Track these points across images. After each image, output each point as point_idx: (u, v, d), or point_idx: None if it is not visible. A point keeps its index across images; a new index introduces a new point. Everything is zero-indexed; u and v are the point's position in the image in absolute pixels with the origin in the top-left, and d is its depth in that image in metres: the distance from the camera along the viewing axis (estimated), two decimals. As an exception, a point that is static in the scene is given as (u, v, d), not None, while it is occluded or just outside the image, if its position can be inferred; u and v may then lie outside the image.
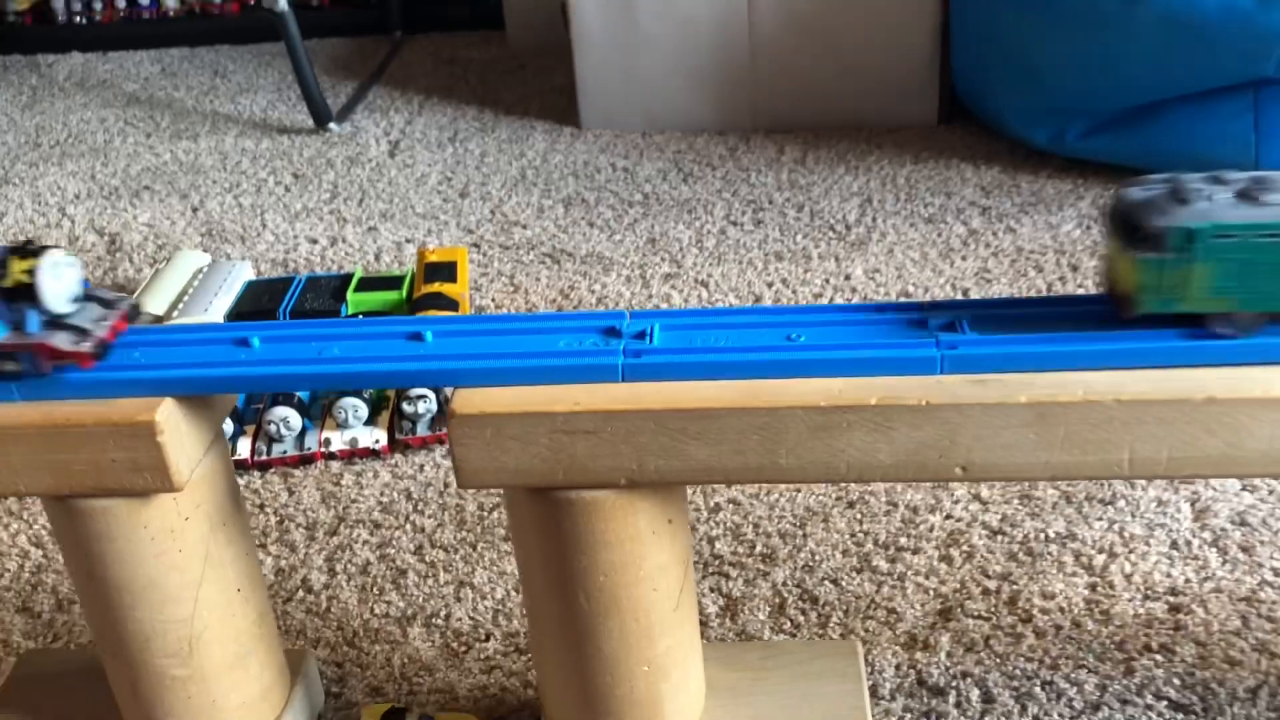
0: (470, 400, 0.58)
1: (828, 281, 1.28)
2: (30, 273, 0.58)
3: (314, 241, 1.46)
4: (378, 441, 1.04)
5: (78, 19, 2.24)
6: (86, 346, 0.59)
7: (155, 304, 1.20)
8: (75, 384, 0.60)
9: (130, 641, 0.66)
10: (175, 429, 0.60)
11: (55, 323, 0.60)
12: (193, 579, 0.65)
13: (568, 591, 0.62)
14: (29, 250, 0.59)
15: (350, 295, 1.20)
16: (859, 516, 0.93)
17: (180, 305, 1.18)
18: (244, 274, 1.25)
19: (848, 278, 1.28)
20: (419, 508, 0.98)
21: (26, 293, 0.59)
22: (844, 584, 0.87)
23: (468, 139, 1.74)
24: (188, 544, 0.64)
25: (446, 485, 1.00)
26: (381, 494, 1.00)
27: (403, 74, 2.04)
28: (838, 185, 1.51)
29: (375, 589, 0.90)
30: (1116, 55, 1.36)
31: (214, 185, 1.64)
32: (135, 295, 1.22)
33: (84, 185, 1.67)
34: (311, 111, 1.78)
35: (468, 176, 1.62)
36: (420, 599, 0.88)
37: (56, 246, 0.60)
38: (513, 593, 0.88)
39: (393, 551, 0.93)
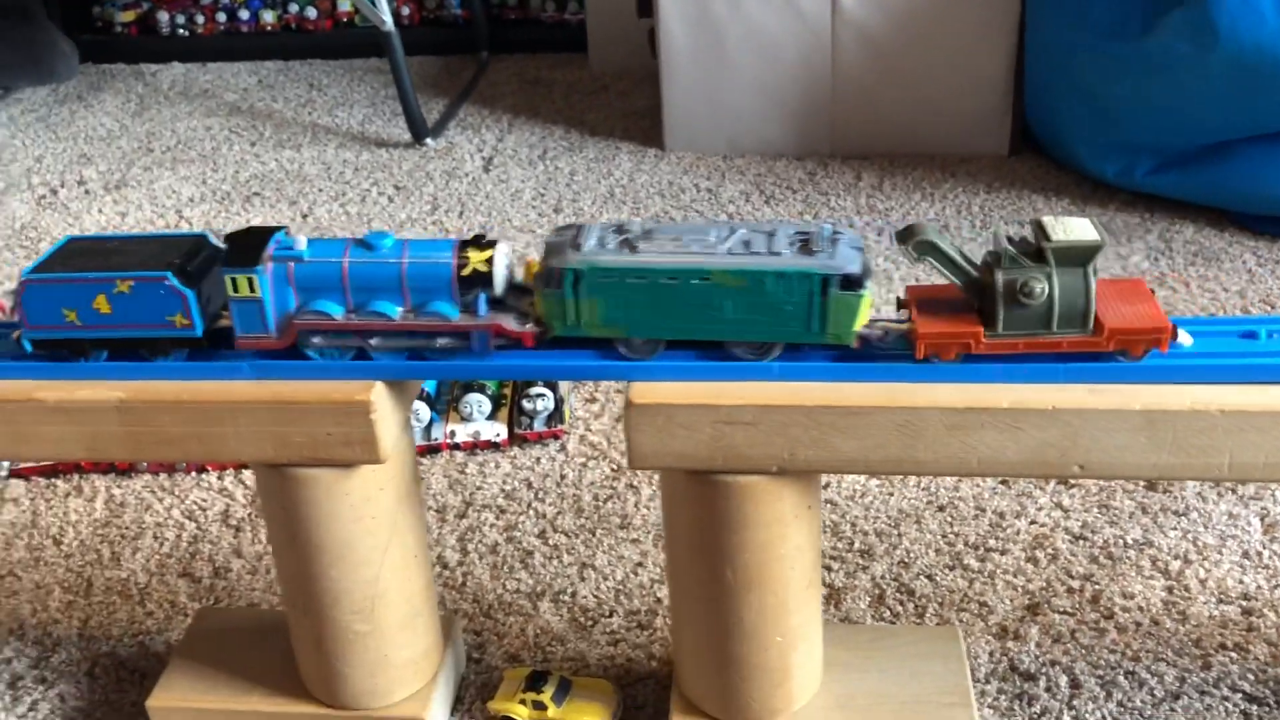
0: (646, 391, 0.66)
1: (909, 302, 1.36)
2: (488, 262, 0.66)
3: (419, 249, 1.55)
4: (498, 435, 1.13)
5: (180, 31, 2.36)
6: (529, 327, 0.67)
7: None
8: (295, 366, 0.69)
9: (322, 597, 0.75)
10: (383, 408, 0.69)
11: (499, 305, 0.67)
12: (381, 543, 0.74)
13: (715, 566, 0.71)
14: (485, 243, 0.67)
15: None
16: (949, 519, 1.01)
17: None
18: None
19: (928, 299, 1.36)
20: (540, 496, 1.06)
21: (482, 279, 0.66)
22: (938, 579, 0.94)
23: (557, 157, 1.83)
24: (380, 512, 0.73)
25: (563, 476, 1.09)
26: (504, 482, 1.08)
27: (490, 92, 2.13)
28: (915, 211, 1.59)
29: (505, 567, 0.98)
30: (1187, 96, 1.44)
31: (320, 193, 1.73)
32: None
33: (197, 189, 1.77)
34: (410, 127, 1.88)
35: (559, 193, 1.71)
36: (547, 577, 0.97)
37: (505, 239, 0.66)
38: (631, 575, 0.96)
39: (518, 534, 1.02)
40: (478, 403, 1.13)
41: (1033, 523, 1.00)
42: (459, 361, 0.68)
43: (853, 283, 0.63)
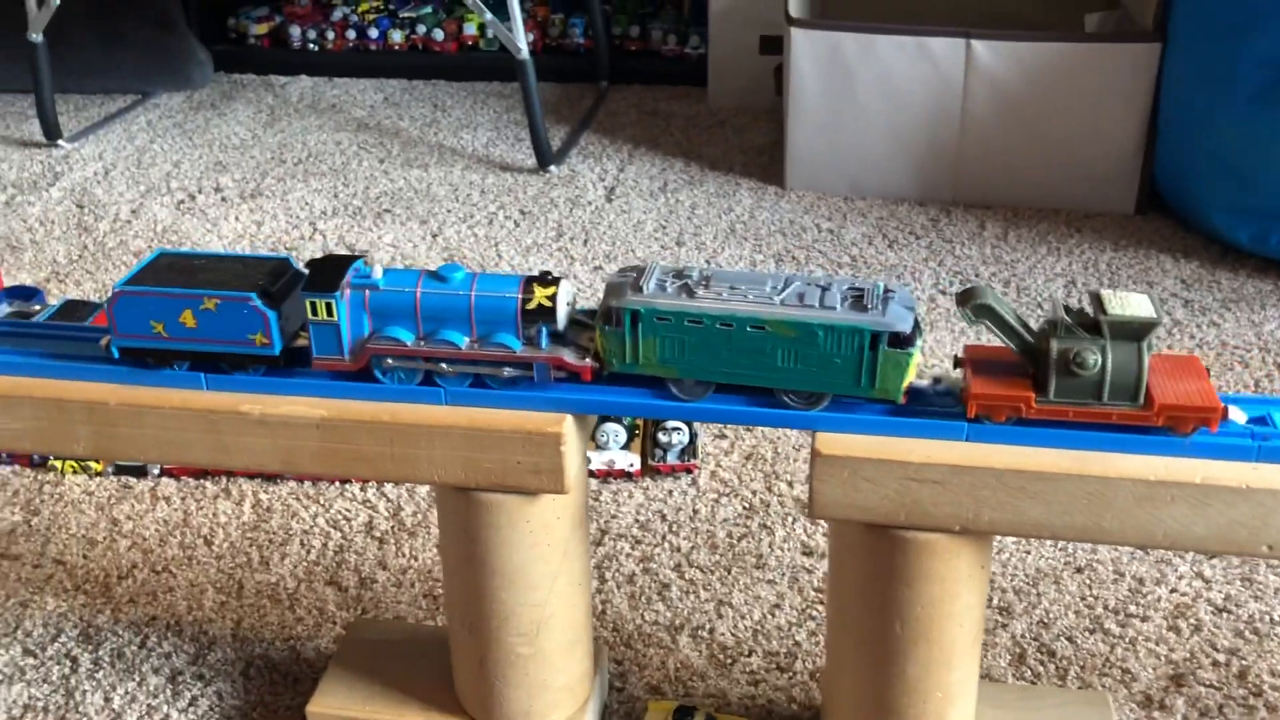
0: (834, 443, 0.68)
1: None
2: (552, 298, 0.70)
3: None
4: (632, 465, 1.15)
5: (310, 45, 2.43)
6: (588, 362, 0.70)
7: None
8: (488, 394, 0.72)
9: (490, 619, 0.77)
10: (571, 441, 0.71)
11: (559, 339, 0.71)
12: (552, 570, 0.76)
13: (884, 618, 0.71)
14: (550, 280, 0.70)
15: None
16: (1088, 581, 1.00)
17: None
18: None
19: (1058, 355, 1.35)
20: (674, 529, 1.08)
21: (545, 314, 0.69)
22: (1079, 642, 0.94)
23: (677, 190, 1.86)
24: (555, 539, 0.75)
25: (696, 511, 1.10)
26: (637, 513, 1.10)
27: (610, 122, 2.17)
28: (1041, 265, 1.59)
29: (643, 598, 1.00)
30: (1332, 166, 1.42)
31: (449, 214, 1.78)
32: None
33: (329, 203, 1.82)
34: (537, 153, 1.92)
35: (680, 226, 1.73)
36: (685, 611, 0.98)
37: (564, 277, 0.71)
38: (769, 616, 0.98)
39: (654, 566, 1.03)
40: (614, 432, 1.15)
41: (1173, 591, 0.99)
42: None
43: (902, 341, 0.65)
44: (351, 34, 2.43)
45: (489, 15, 1.84)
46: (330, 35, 2.44)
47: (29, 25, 1.99)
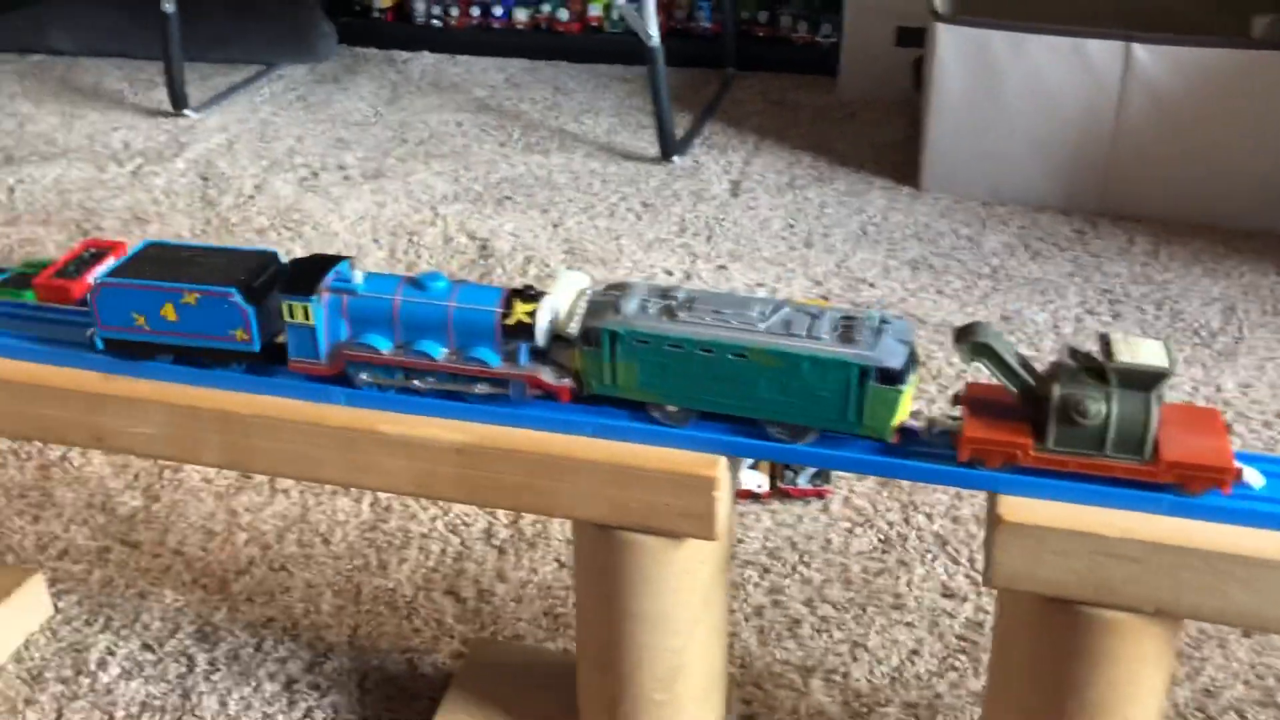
0: (1019, 509, 0.62)
1: (1196, 390, 1.27)
2: (532, 314, 0.66)
3: (669, 273, 1.53)
4: (760, 486, 1.09)
5: (434, 21, 2.41)
6: (566, 382, 0.67)
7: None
8: (638, 429, 0.67)
9: (623, 662, 0.73)
10: (724, 484, 0.66)
11: (539, 357, 0.68)
12: (693, 615, 0.71)
13: (1056, 695, 0.65)
14: (531, 295, 0.67)
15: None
16: (1257, 648, 0.92)
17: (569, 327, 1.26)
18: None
19: (1219, 389, 1.26)
20: (804, 560, 1.03)
21: (524, 330, 0.67)
22: (1248, 716, 0.86)
23: (805, 187, 1.79)
24: (698, 585, 0.70)
25: (828, 541, 1.05)
26: (766, 538, 1.05)
27: (735, 111, 2.10)
28: (1196, 287, 1.49)
29: (773, 633, 0.95)
30: None
31: (570, 204, 1.74)
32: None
33: (450, 186, 1.80)
34: (661, 142, 1.87)
35: (809, 226, 1.67)
36: (817, 652, 0.93)
37: (545, 293, 0.68)
38: (907, 663, 0.92)
39: (784, 599, 0.98)
40: (744, 451, 1.10)
41: (1355, 666, 0.91)
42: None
43: (892, 377, 0.61)
44: (475, 11, 2.41)
45: (620, -1, 1.79)
46: (454, 11, 2.41)
47: (162, -5, 2.00)
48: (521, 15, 2.38)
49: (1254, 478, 0.61)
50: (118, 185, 1.80)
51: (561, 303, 0.68)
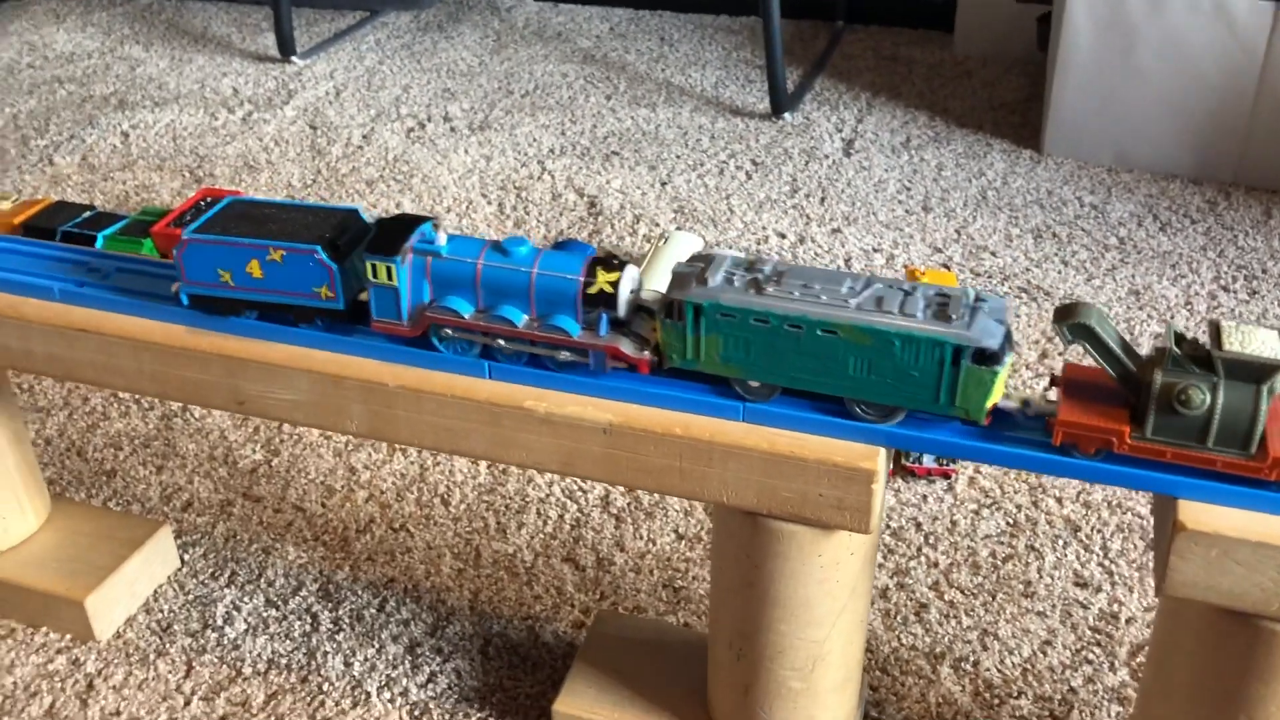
0: (1200, 516, 0.58)
1: (1342, 375, 1.20)
2: (614, 284, 0.65)
3: (782, 236, 1.50)
4: (883, 463, 1.07)
5: (537, -31, 2.38)
6: (646, 354, 0.66)
7: (658, 283, 1.26)
8: (790, 415, 0.65)
9: (764, 650, 0.71)
10: (882, 477, 0.64)
11: (619, 327, 0.67)
12: (838, 607, 0.69)
13: (1227, 709, 0.62)
14: (614, 264, 0.66)
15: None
16: None
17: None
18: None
19: (1367, 375, 1.20)
20: (930, 541, 1.00)
21: (606, 299, 0.65)
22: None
23: (922, 148, 1.73)
24: (845, 576, 0.68)
25: (954, 523, 1.02)
26: (890, 518, 1.03)
27: (845, 66, 2.04)
28: (1341, 264, 1.42)
29: (899, 617, 0.92)
30: None
31: (678, 160, 1.70)
32: (640, 271, 1.29)
33: (557, 140, 1.78)
34: (772, 98, 1.82)
35: (926, 189, 1.62)
36: (945, 639, 0.90)
37: (628, 262, 0.66)
38: (1039, 653, 0.89)
39: (910, 582, 0.96)
40: (868, 426, 1.07)
41: None
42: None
43: (989, 357, 0.59)
44: (579, -42, 2.36)
45: (736, -50, 1.73)
46: (558, -42, 2.37)
47: (272, -60, 2.00)
48: (627, -37, 2.33)
49: None
50: (229, 132, 1.81)
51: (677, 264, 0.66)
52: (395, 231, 0.68)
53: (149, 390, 0.76)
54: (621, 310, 0.66)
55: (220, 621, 0.93)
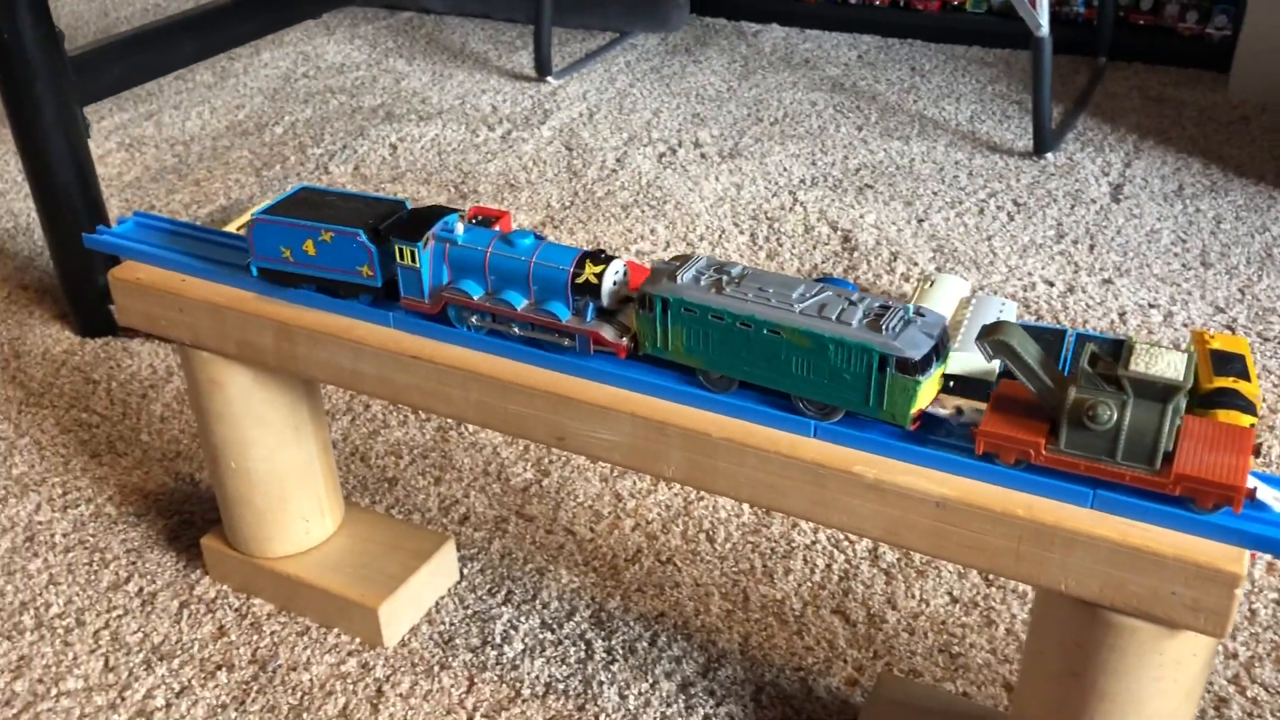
0: None
1: None
2: (599, 275, 0.72)
3: (1050, 284, 1.45)
4: (1172, 540, 1.01)
5: (785, -6, 2.38)
6: (624, 340, 0.73)
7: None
8: (1139, 507, 0.62)
9: (1081, 741, 0.68)
10: (1244, 582, 0.60)
11: (605, 315, 0.74)
12: (1170, 707, 0.66)
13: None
14: (603, 258, 0.73)
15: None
16: None
17: (956, 340, 1.21)
18: (1010, 316, 1.25)
19: None
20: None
21: (591, 289, 0.73)
22: None
23: (1197, 197, 1.64)
24: (1184, 678, 0.65)
25: (1253, 612, 0.96)
26: (1180, 600, 0.97)
27: (1109, 105, 1.96)
28: None
29: (1199, 713, 0.87)
30: None
31: (935, 197, 1.67)
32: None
33: (807, 170, 1.76)
34: (1036, 137, 1.76)
35: (1204, 242, 1.53)
36: (1250, 741, 0.85)
37: (616, 257, 0.73)
38: (1359, 770, 0.82)
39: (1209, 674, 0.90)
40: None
41: None
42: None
43: (910, 367, 0.64)
44: (829, -16, 2.35)
45: (1010, -15, 1.69)
46: (807, -16, 2.36)
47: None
48: (878, -9, 2.30)
49: (1270, 496, 0.60)
50: (490, 150, 1.87)
51: (944, 310, 0.68)
52: (422, 220, 0.77)
53: (472, 419, 0.79)
54: (605, 300, 0.72)
55: (499, 639, 0.96)
